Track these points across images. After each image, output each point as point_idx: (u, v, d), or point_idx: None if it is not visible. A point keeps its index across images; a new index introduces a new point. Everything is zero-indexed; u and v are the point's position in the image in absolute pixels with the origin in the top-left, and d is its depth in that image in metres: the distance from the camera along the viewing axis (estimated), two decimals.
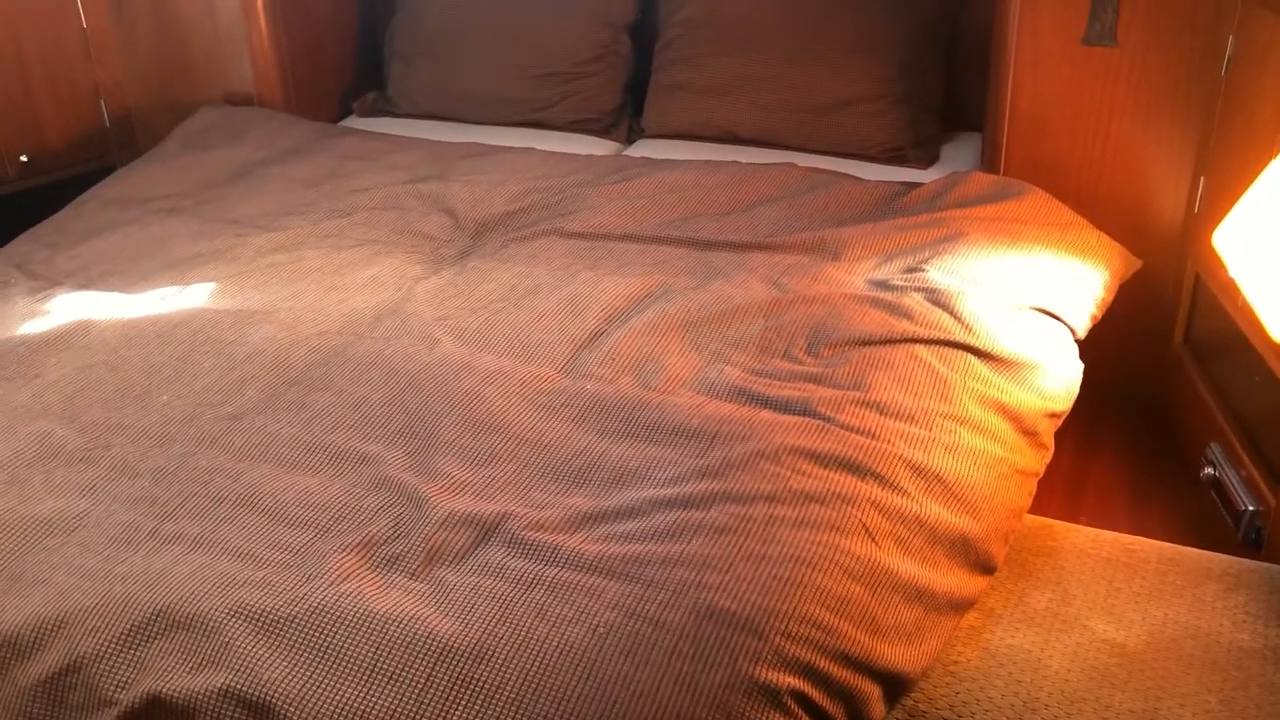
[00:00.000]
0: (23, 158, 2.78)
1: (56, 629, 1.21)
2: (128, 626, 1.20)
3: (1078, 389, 1.75)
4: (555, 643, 1.14)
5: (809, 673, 1.15)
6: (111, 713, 1.14)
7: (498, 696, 1.09)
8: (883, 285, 1.86)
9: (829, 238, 2.04)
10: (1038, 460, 1.62)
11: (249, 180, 2.49)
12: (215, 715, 1.11)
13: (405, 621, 1.17)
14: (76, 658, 1.18)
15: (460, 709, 1.08)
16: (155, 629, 1.20)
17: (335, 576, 1.25)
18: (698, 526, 1.28)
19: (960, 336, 1.69)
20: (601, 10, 2.92)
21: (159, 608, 1.22)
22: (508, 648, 1.14)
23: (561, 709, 1.07)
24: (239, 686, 1.12)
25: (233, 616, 1.20)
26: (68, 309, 1.94)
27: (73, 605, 1.23)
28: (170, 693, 1.13)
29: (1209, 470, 1.95)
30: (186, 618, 1.20)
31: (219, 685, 1.12)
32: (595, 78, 2.90)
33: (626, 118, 2.96)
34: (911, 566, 1.32)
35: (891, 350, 1.66)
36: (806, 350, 1.69)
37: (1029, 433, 1.61)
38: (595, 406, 1.55)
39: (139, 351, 1.76)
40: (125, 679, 1.16)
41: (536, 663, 1.12)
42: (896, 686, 1.25)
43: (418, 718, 1.08)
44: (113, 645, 1.19)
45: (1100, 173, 2.33)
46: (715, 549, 1.24)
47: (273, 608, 1.20)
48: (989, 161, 2.45)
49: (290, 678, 1.12)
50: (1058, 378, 1.71)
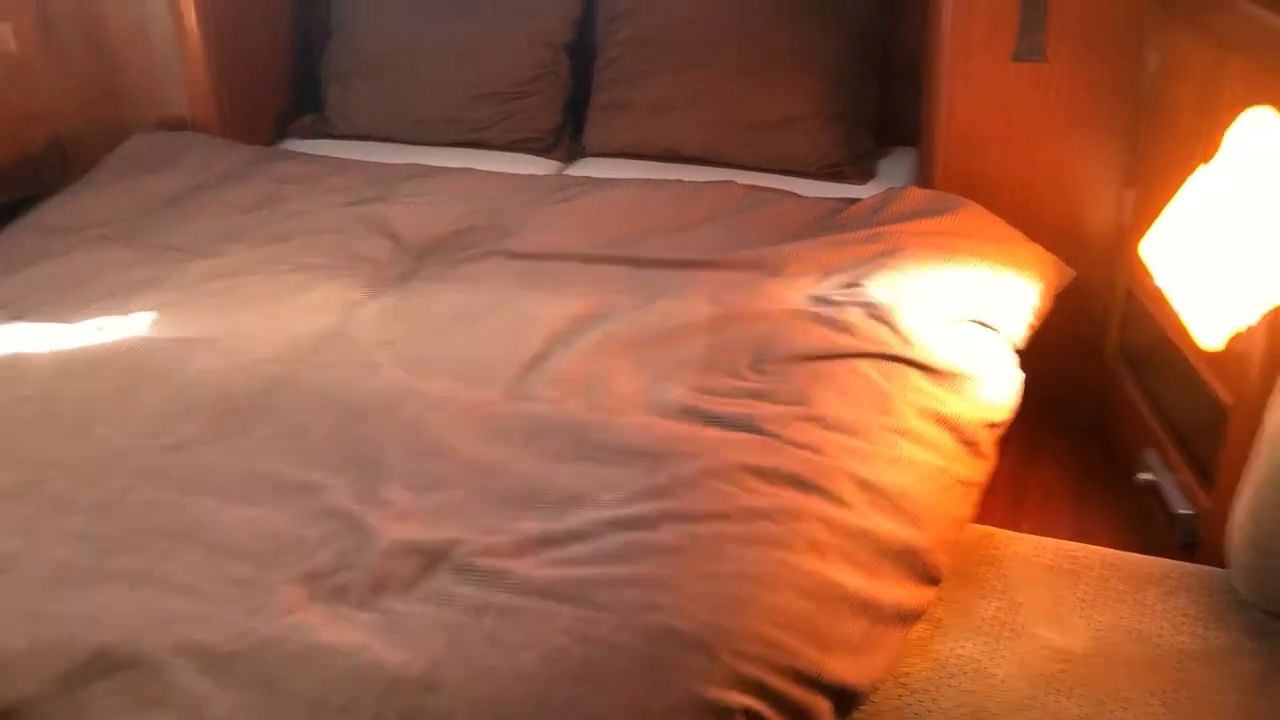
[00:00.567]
0: None
1: None
2: (66, 668, 1.17)
3: (1018, 399, 1.78)
4: (506, 669, 1.13)
5: (760, 690, 1.15)
6: None
7: None
8: (824, 301, 1.88)
9: (770, 255, 2.06)
10: (979, 470, 1.65)
11: (185, 206, 2.46)
12: None
13: (353, 653, 1.16)
14: (13, 702, 1.15)
15: None
16: (96, 670, 1.17)
17: (281, 609, 1.23)
18: (648, 547, 1.28)
19: (899, 350, 1.71)
20: (540, 30, 2.92)
21: (99, 647, 1.19)
22: (458, 676, 1.13)
23: None
24: None
25: (176, 654, 1.18)
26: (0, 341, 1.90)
27: (6, 648, 1.20)
28: None
29: (1145, 475, 2.00)
30: (128, 657, 1.18)
31: None
32: (535, 97, 2.90)
33: (567, 137, 2.96)
34: (858, 580, 1.33)
35: (834, 365, 1.68)
36: (751, 367, 1.71)
37: (969, 443, 1.63)
38: (543, 429, 1.55)
39: (75, 383, 1.72)
40: None
41: (487, 690, 1.11)
42: (847, 700, 1.26)
43: None
44: (51, 688, 1.16)
45: (1032, 185, 2.38)
46: (665, 569, 1.24)
47: (217, 643, 1.18)
48: (924, 176, 2.49)
49: (236, 715, 1.11)
50: (997, 388, 1.74)
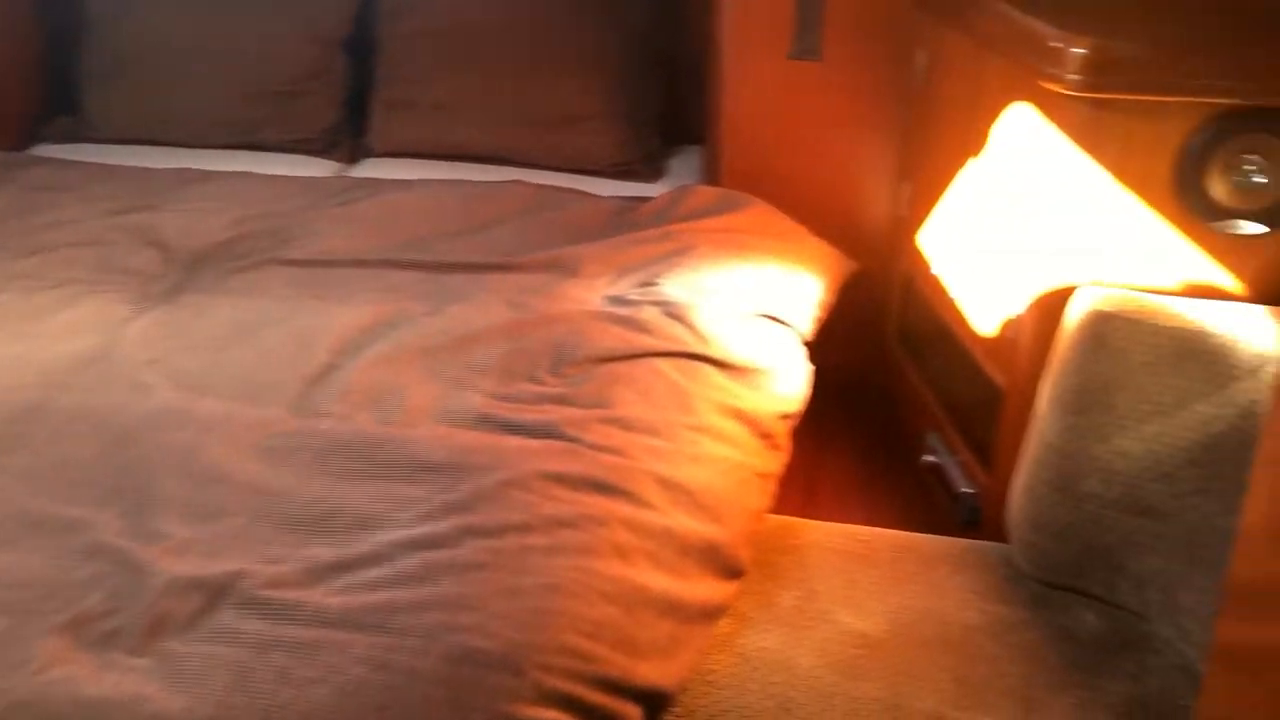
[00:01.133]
0: None
1: None
2: None
3: (808, 390, 1.83)
4: (300, 708, 1.06)
5: (569, 703, 1.13)
6: None
7: None
8: (621, 301, 1.87)
9: (565, 255, 2.04)
10: (775, 461, 1.68)
11: None
12: None
13: (127, 704, 1.06)
14: None
15: None
16: None
17: (41, 664, 1.11)
18: (448, 566, 1.23)
19: (696, 348, 1.72)
20: (312, 25, 2.80)
21: None
22: (247, 719, 1.05)
23: None
24: None
25: None
26: None
27: None
28: None
29: (929, 458, 2.09)
30: None
31: None
32: (310, 96, 2.78)
33: (348, 137, 2.85)
34: (664, 581, 1.33)
35: (633, 365, 1.67)
36: (550, 371, 1.68)
37: (766, 436, 1.66)
38: (331, 447, 1.47)
39: None
40: None
41: None
42: (656, 703, 1.25)
43: None
44: None
45: (814, 181, 2.46)
46: (467, 587, 1.20)
47: None
48: (710, 174, 2.54)
49: None
50: (789, 381, 1.78)
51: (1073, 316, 1.52)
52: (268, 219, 2.19)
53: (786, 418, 1.75)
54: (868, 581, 1.56)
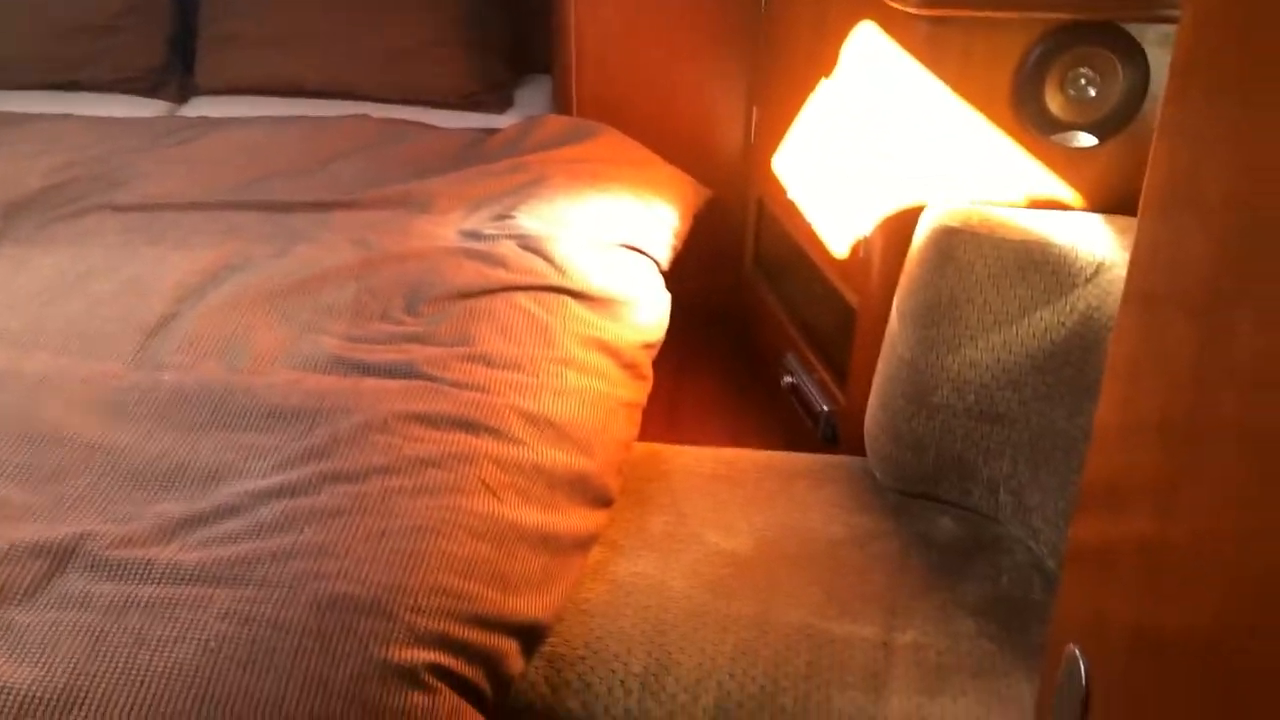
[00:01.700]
0: None
1: None
2: None
3: (668, 318, 1.84)
4: (160, 668, 1.02)
5: (444, 643, 1.12)
6: None
7: None
8: (474, 235, 1.83)
9: (414, 190, 1.98)
10: (640, 391, 1.68)
11: None
12: None
13: None
14: None
15: None
16: None
17: None
18: (309, 513, 1.20)
19: (555, 280, 1.70)
20: None
21: None
22: (104, 685, 1.00)
23: None
24: None
25: None
26: None
27: None
28: None
29: (788, 379, 2.13)
30: None
31: None
32: (132, 31, 2.61)
33: (176, 74, 2.69)
34: (535, 515, 1.32)
35: (492, 300, 1.64)
36: (405, 310, 1.64)
37: (629, 366, 1.66)
38: (176, 399, 1.40)
39: None
40: None
41: (141, 695, 1.00)
42: (533, 636, 1.25)
43: None
44: None
45: (665, 108, 2.44)
46: (331, 534, 1.17)
47: None
48: (561, 103, 2.49)
49: None
50: (649, 310, 1.78)
51: (920, 233, 1.56)
52: (92, 163, 2.06)
53: (648, 347, 1.75)
54: (734, 502, 1.59)
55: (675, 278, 1.96)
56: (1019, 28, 1.54)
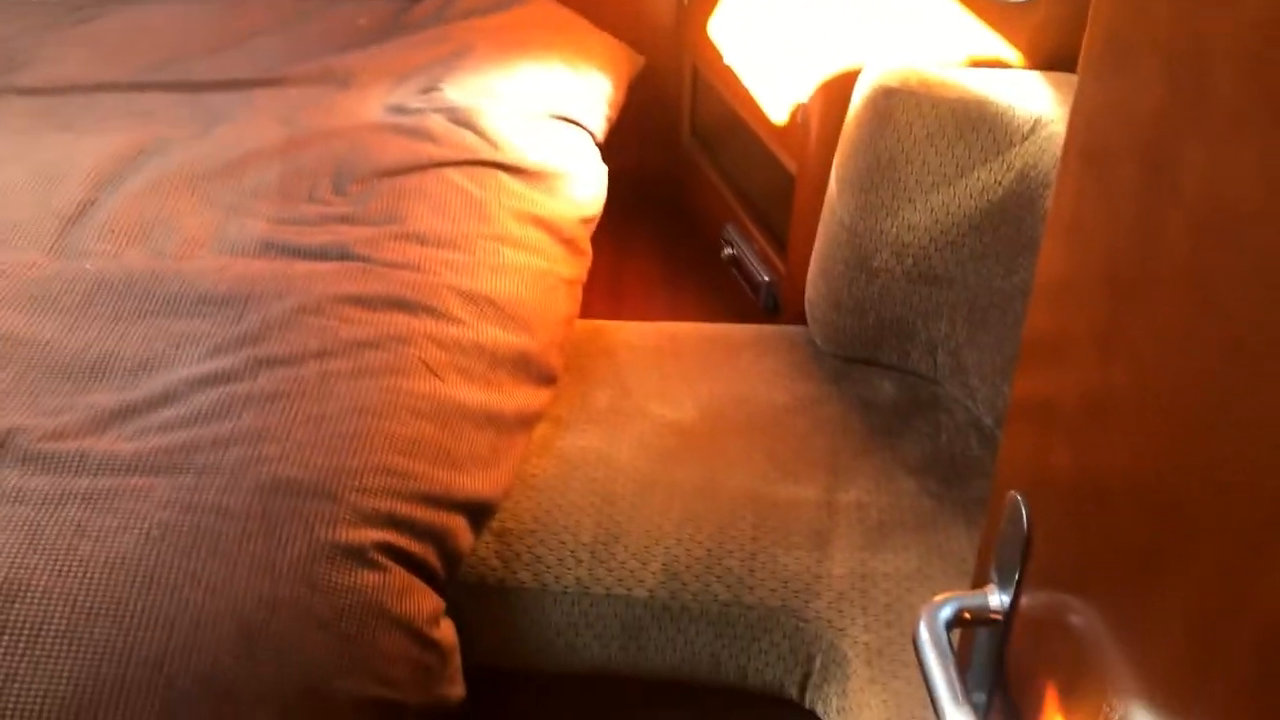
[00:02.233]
0: None
1: None
2: None
3: (605, 192, 1.81)
4: (102, 558, 1.01)
5: (392, 522, 1.12)
6: None
7: (44, 632, 0.96)
8: (401, 110, 1.77)
9: (336, 65, 1.90)
10: (580, 266, 1.66)
11: None
12: None
13: None
14: None
15: None
16: None
17: None
18: (246, 399, 1.18)
19: (488, 154, 1.66)
20: None
21: None
22: (45, 577, 0.99)
23: (125, 626, 0.96)
24: None
25: None
26: None
27: None
28: None
29: (728, 250, 2.12)
30: None
31: None
32: None
33: None
34: (478, 393, 1.31)
35: (422, 177, 1.60)
36: (333, 189, 1.59)
37: (567, 241, 1.64)
38: (101, 288, 1.36)
39: None
40: None
41: (84, 585, 0.99)
42: (481, 512, 1.25)
43: None
44: None
45: None
46: (269, 419, 1.15)
47: None
48: None
49: None
50: (586, 183, 1.75)
51: (858, 95, 1.53)
52: None
53: (586, 221, 1.72)
54: (678, 374, 1.59)
55: (611, 149, 1.93)
56: None
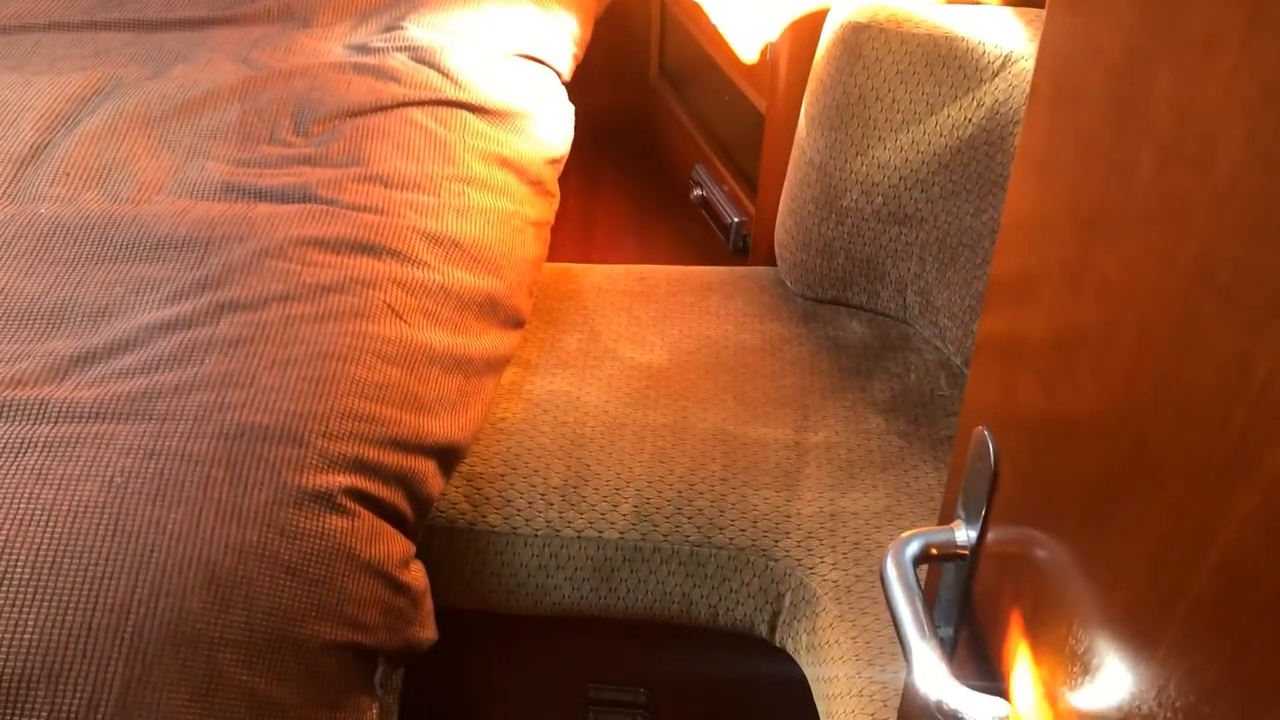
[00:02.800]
0: None
1: None
2: None
3: (573, 132, 1.78)
4: (66, 506, 0.99)
5: (359, 466, 1.11)
6: None
7: (8, 581, 0.95)
8: (363, 49, 1.73)
9: (295, 4, 1.86)
10: (547, 209, 1.64)
11: None
12: None
13: None
14: None
15: None
16: None
17: None
18: (208, 344, 1.16)
19: (452, 94, 1.63)
20: None
21: None
22: (7, 527, 0.98)
23: (90, 574, 0.95)
24: None
25: None
26: None
27: None
28: None
29: (698, 191, 2.10)
30: None
31: None
32: None
33: None
34: (445, 337, 1.30)
35: (385, 118, 1.57)
36: (294, 130, 1.56)
37: (535, 183, 1.61)
38: (57, 232, 1.33)
39: None
40: None
41: (48, 533, 0.98)
42: (450, 456, 1.25)
43: None
44: None
45: None
46: (233, 364, 1.13)
47: None
48: None
49: None
50: (552, 124, 1.72)
51: (827, 31, 1.51)
52: None
53: (554, 162, 1.70)
54: (647, 317, 1.59)
55: (578, 88, 1.90)
56: None
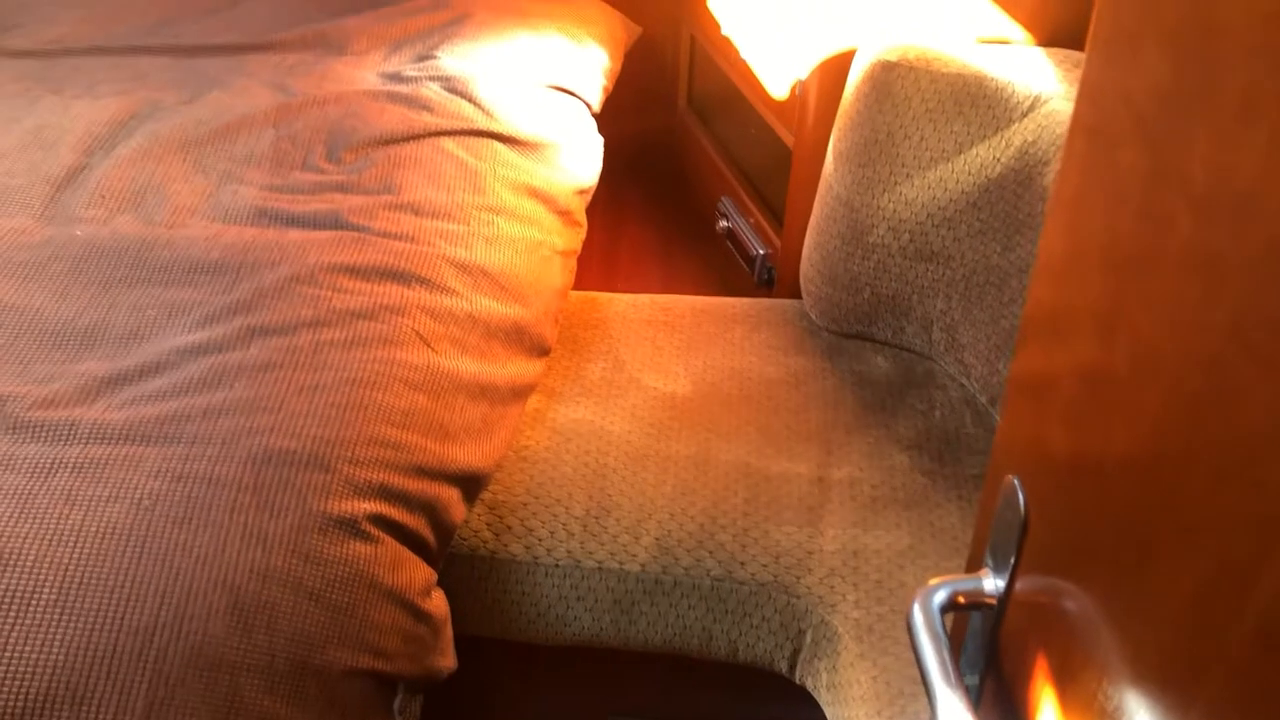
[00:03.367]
0: None
1: None
2: None
3: (601, 163, 1.79)
4: (93, 528, 1.00)
5: (384, 493, 1.11)
6: None
7: (35, 601, 0.95)
8: (396, 78, 1.75)
9: (331, 31, 1.88)
10: (575, 238, 1.65)
11: None
12: None
13: None
14: None
15: None
16: None
17: None
18: (238, 368, 1.17)
19: (483, 124, 1.64)
20: None
21: None
22: (36, 546, 0.99)
23: (116, 596, 0.96)
24: None
25: None
26: None
27: None
28: None
29: (723, 223, 2.11)
30: None
31: None
32: None
33: None
34: (471, 365, 1.30)
35: (417, 146, 1.58)
36: (327, 157, 1.57)
37: (563, 212, 1.63)
38: (92, 254, 1.34)
39: None
40: None
41: (76, 554, 0.98)
42: (474, 484, 1.25)
43: None
44: None
45: None
46: (262, 389, 1.14)
47: None
48: None
49: None
50: (581, 154, 1.74)
51: (857, 69, 1.52)
52: None
53: (582, 192, 1.71)
54: (671, 347, 1.59)
55: (608, 120, 1.91)
56: None
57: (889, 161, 1.47)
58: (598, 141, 1.81)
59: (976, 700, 0.66)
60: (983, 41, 1.54)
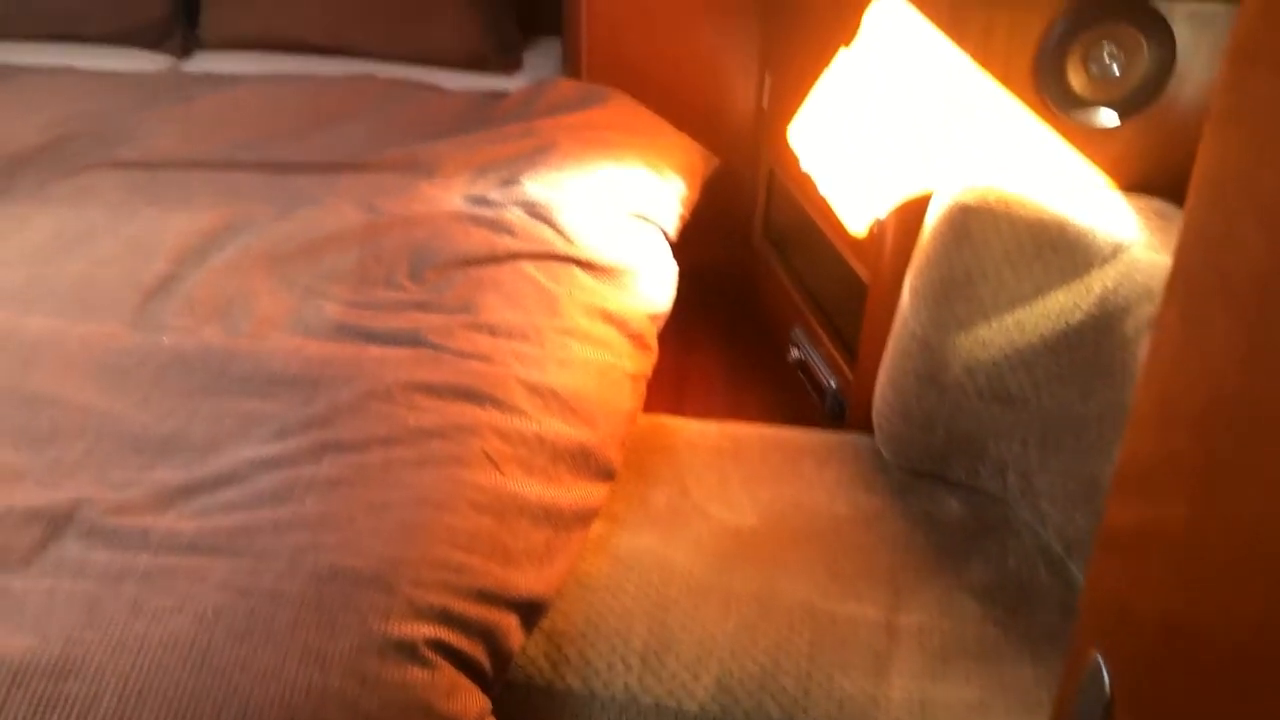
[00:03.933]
0: None
1: None
2: None
3: (675, 289, 1.81)
4: (156, 638, 1.00)
5: (445, 618, 1.10)
6: None
7: (94, 710, 0.95)
8: (481, 201, 1.80)
9: (421, 154, 1.95)
10: (645, 362, 1.66)
11: None
12: None
13: None
14: None
15: None
16: None
17: None
18: (309, 483, 1.18)
19: (562, 249, 1.67)
20: None
21: None
22: (100, 654, 0.99)
23: (173, 709, 0.95)
24: None
25: None
26: None
27: None
28: None
29: (795, 353, 2.11)
30: None
31: None
32: None
33: (180, 27, 2.65)
34: (537, 488, 1.30)
35: (497, 268, 1.62)
36: (410, 276, 1.61)
37: (635, 337, 1.64)
38: (176, 363, 1.38)
39: None
40: None
41: (137, 664, 0.98)
42: (533, 611, 1.23)
43: None
44: None
45: (676, 73, 2.40)
46: (331, 505, 1.15)
47: None
48: (570, 66, 2.45)
49: None
50: (656, 280, 1.76)
51: (936, 209, 1.53)
52: (93, 118, 2.03)
53: (655, 318, 1.72)
54: (738, 477, 1.57)
55: (683, 247, 1.94)
56: (1043, 2, 1.50)
57: (966, 302, 1.47)
58: (672, 268, 1.83)
59: None
60: (1063, 185, 1.54)
